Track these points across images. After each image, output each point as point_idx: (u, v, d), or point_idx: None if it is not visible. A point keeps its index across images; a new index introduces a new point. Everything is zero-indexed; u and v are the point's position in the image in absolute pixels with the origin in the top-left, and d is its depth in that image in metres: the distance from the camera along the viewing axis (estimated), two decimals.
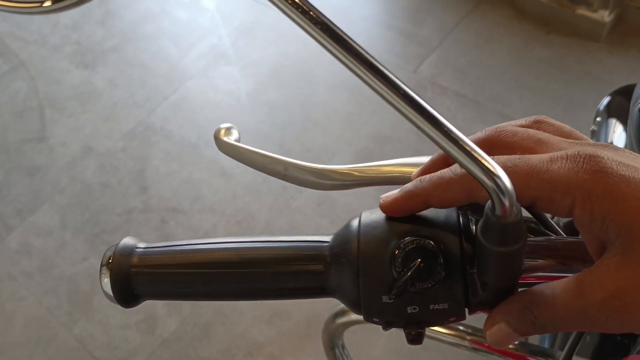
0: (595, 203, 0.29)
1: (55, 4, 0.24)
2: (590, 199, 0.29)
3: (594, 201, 0.29)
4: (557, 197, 0.30)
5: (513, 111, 1.96)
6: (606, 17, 2.07)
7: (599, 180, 0.29)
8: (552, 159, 0.30)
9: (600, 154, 0.30)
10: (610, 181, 0.29)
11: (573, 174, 0.29)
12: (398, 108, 0.28)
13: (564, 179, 0.29)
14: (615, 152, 0.31)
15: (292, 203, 1.81)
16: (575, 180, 0.29)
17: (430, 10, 2.32)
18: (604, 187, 0.29)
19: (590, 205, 0.29)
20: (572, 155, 0.30)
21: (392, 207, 0.34)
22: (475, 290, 0.32)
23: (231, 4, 2.45)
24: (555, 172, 0.30)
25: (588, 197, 0.29)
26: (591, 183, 0.29)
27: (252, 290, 0.37)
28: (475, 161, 0.27)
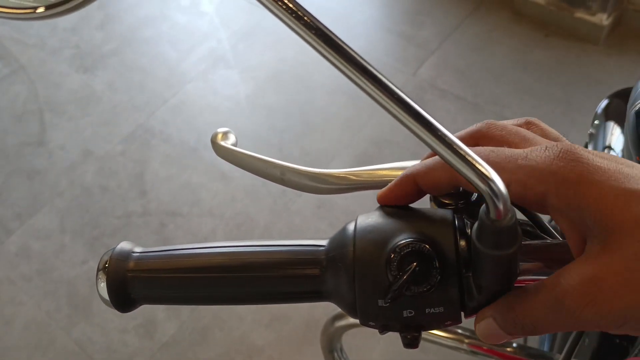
0: (569, 190, 0.29)
1: (48, 11, 0.25)
2: (565, 186, 0.29)
3: (568, 188, 0.29)
4: (531, 182, 0.30)
5: (512, 113, 1.96)
6: (604, 20, 2.07)
7: (574, 168, 0.29)
8: (533, 150, 0.31)
9: (577, 148, 0.31)
10: (585, 169, 0.29)
11: (549, 161, 0.30)
12: (392, 112, 0.28)
13: (540, 166, 0.30)
14: (594, 151, 0.31)
15: (291, 206, 1.81)
16: (550, 167, 0.30)
17: (430, 13, 2.32)
18: (579, 174, 0.29)
19: (564, 191, 0.29)
20: (550, 147, 0.31)
21: (387, 194, 0.35)
22: (471, 293, 0.32)
23: (230, 8, 2.45)
24: (531, 159, 0.30)
25: (562, 184, 0.29)
26: (566, 170, 0.29)
27: (248, 295, 0.37)
28: (469, 165, 0.27)
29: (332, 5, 2.36)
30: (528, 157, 0.31)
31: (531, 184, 0.30)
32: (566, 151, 0.30)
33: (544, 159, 0.30)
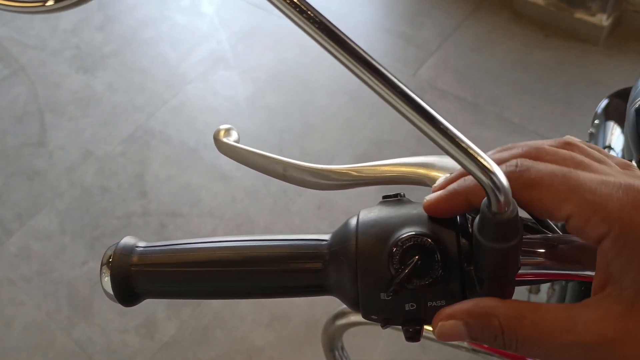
0: (630, 243, 0.27)
1: (57, 3, 0.25)
2: (626, 237, 0.27)
3: (629, 241, 0.27)
4: (594, 221, 0.28)
5: (512, 114, 1.97)
6: (604, 20, 2.08)
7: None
8: (604, 182, 0.29)
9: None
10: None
11: (621, 205, 0.28)
12: (395, 106, 0.28)
13: (609, 206, 0.28)
14: None
15: (292, 206, 1.81)
16: (620, 212, 0.28)
17: (429, 13, 2.32)
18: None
19: (623, 241, 0.27)
20: (626, 186, 0.29)
21: (436, 206, 0.33)
22: (472, 287, 0.33)
23: (230, 9, 2.45)
24: (603, 195, 0.28)
25: (625, 234, 0.27)
26: (636, 222, 0.27)
27: (251, 289, 0.37)
28: (471, 158, 0.27)
29: (332, 6, 2.37)
30: (598, 191, 0.28)
31: (593, 224, 0.28)
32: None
33: (616, 201, 0.28)
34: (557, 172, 0.30)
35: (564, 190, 0.29)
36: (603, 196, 0.28)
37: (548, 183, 0.30)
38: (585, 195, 0.29)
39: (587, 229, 0.29)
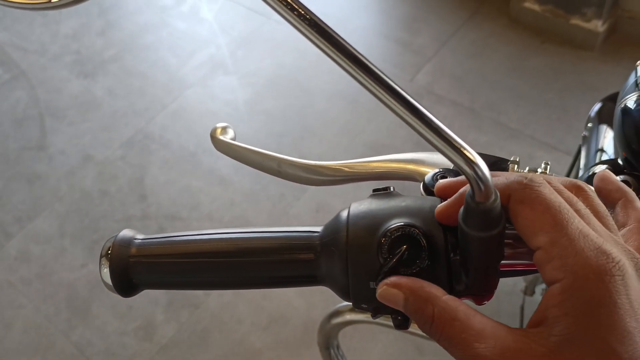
0: (573, 299, 0.28)
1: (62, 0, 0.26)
2: (572, 293, 0.28)
3: (573, 298, 0.28)
4: (555, 264, 0.29)
5: (508, 119, 1.98)
6: (600, 27, 2.10)
7: (606, 302, 0.28)
8: (585, 236, 0.29)
9: (633, 283, 0.29)
10: (610, 309, 0.27)
11: (585, 264, 0.28)
12: (383, 100, 0.29)
13: (575, 260, 0.29)
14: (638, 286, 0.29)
15: (290, 210, 1.82)
16: (581, 270, 0.28)
17: (427, 20, 2.34)
18: (604, 312, 0.28)
19: (568, 295, 0.28)
20: (601, 251, 0.29)
21: (445, 209, 0.34)
22: (459, 276, 0.34)
23: (229, 15, 2.47)
24: (577, 247, 0.29)
25: (573, 290, 0.28)
26: (588, 285, 0.28)
27: (246, 279, 0.39)
28: (456, 150, 0.29)
29: (330, 12, 2.39)
30: (574, 241, 0.29)
31: (554, 265, 0.29)
32: (620, 274, 0.28)
33: (583, 258, 0.28)
34: (555, 204, 0.30)
35: (550, 223, 0.30)
36: (576, 248, 0.29)
37: (541, 208, 0.30)
38: (563, 238, 0.29)
39: (546, 267, 0.30)
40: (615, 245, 0.31)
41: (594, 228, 0.31)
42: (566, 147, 1.88)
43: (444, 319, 0.31)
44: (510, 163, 0.43)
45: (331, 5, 2.44)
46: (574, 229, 0.30)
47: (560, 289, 0.29)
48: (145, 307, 1.67)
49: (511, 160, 0.43)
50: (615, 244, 0.31)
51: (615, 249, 0.30)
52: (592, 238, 0.29)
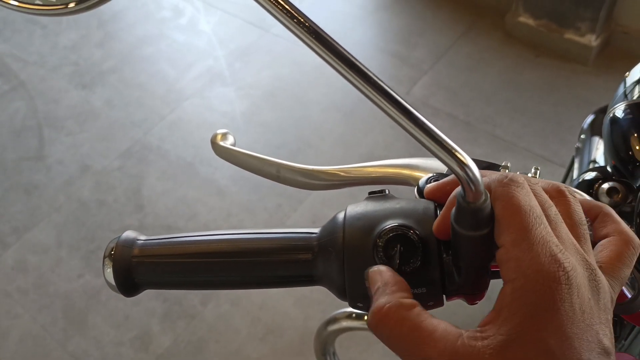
0: (521, 301, 0.29)
1: (78, 5, 0.27)
2: (521, 295, 0.30)
3: (522, 299, 0.29)
4: (511, 265, 0.30)
5: (504, 132, 2.00)
6: (593, 41, 2.12)
7: (550, 307, 0.29)
8: (545, 243, 0.31)
9: (582, 293, 0.30)
10: (553, 314, 0.29)
11: (539, 270, 0.30)
12: (378, 104, 0.30)
13: (530, 264, 0.30)
14: (596, 301, 0.31)
15: (287, 221, 1.83)
16: (533, 274, 0.30)
17: (423, 34, 2.37)
18: (547, 316, 0.29)
19: (517, 296, 0.30)
20: (555, 260, 0.30)
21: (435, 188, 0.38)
22: (452, 275, 0.35)
23: (227, 28, 2.50)
24: (534, 252, 0.30)
25: (523, 292, 0.30)
26: (536, 289, 0.29)
27: (245, 279, 0.40)
28: (448, 152, 0.30)
29: (327, 26, 2.41)
30: (533, 245, 0.30)
31: (511, 266, 0.30)
32: (568, 283, 0.29)
33: (538, 264, 0.30)
34: (525, 207, 0.32)
35: (516, 224, 0.31)
36: (532, 253, 0.30)
37: (513, 209, 0.32)
38: (524, 242, 0.31)
39: (503, 265, 0.31)
40: (575, 254, 0.32)
41: (558, 235, 0.32)
42: (560, 159, 1.90)
43: (395, 315, 0.32)
44: (501, 168, 0.44)
45: (329, 19, 2.46)
46: (537, 234, 0.31)
47: (511, 289, 0.30)
48: (141, 317, 1.67)
49: (502, 165, 0.44)
50: (575, 254, 0.32)
51: (572, 258, 0.31)
52: (551, 245, 0.31)
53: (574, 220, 0.35)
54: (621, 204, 0.51)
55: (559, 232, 0.33)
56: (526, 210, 0.32)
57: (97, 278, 1.75)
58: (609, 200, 0.51)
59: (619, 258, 0.35)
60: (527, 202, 0.32)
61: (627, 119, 0.56)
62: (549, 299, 0.29)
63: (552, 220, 0.33)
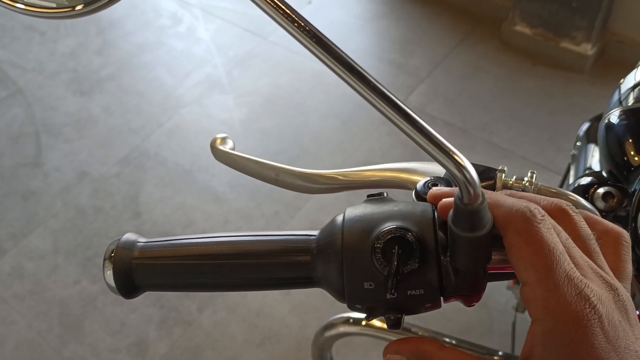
0: (554, 341, 0.30)
1: (86, 7, 0.27)
2: (553, 335, 0.30)
3: (554, 339, 0.30)
4: (538, 304, 0.31)
5: (500, 139, 2.01)
6: (589, 50, 2.14)
7: (584, 345, 0.30)
8: (570, 278, 0.31)
9: (612, 319, 0.31)
10: (588, 351, 0.30)
11: (566, 309, 0.30)
12: (377, 107, 0.31)
13: (558, 303, 0.31)
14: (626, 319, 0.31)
15: (284, 227, 1.83)
16: (562, 314, 0.30)
17: (420, 42, 2.38)
18: (582, 354, 0.30)
19: (549, 337, 0.31)
20: (582, 295, 0.31)
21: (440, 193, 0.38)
22: (449, 277, 0.35)
23: (226, 36, 2.51)
24: (560, 290, 0.31)
25: (553, 333, 0.30)
26: (565, 332, 0.30)
27: (244, 280, 0.40)
28: (446, 154, 0.30)
29: (325, 34, 2.42)
30: (559, 283, 0.31)
31: (538, 305, 0.31)
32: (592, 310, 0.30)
33: (565, 303, 0.30)
34: (549, 245, 0.32)
35: (540, 262, 0.31)
36: (559, 293, 0.31)
37: (536, 247, 0.32)
38: (549, 281, 0.31)
39: (530, 304, 0.32)
40: (596, 279, 0.32)
41: (576, 263, 0.33)
42: (557, 167, 1.90)
43: None
44: (498, 172, 0.45)
45: (327, 27, 2.47)
46: (561, 272, 0.31)
47: (541, 330, 0.31)
48: (138, 324, 1.66)
49: (499, 169, 0.45)
50: (596, 278, 0.32)
51: (596, 287, 0.32)
52: (576, 282, 0.31)
53: (583, 237, 0.35)
54: (616, 208, 0.51)
55: (575, 259, 0.33)
56: (550, 247, 0.32)
57: (93, 284, 1.75)
58: (605, 204, 0.52)
59: (620, 258, 0.36)
60: (551, 239, 0.32)
61: (622, 125, 0.57)
62: (582, 338, 0.30)
63: (566, 247, 0.33)
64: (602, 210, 0.51)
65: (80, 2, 0.29)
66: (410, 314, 0.37)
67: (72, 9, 0.29)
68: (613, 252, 0.36)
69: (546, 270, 0.31)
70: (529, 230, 0.32)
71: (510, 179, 0.45)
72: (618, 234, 0.36)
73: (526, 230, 0.32)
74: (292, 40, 0.31)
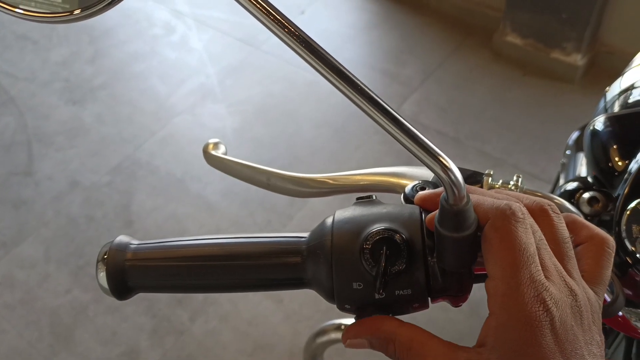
0: (504, 334, 0.32)
1: (83, 12, 0.28)
2: (504, 330, 0.32)
3: (505, 333, 0.32)
4: (497, 299, 0.33)
5: (492, 148, 2.02)
6: (579, 60, 2.16)
7: (532, 343, 0.31)
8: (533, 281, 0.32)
9: (565, 323, 0.32)
10: (535, 349, 0.31)
11: (520, 308, 0.32)
12: (366, 111, 0.31)
13: (515, 300, 0.32)
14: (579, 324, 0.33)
15: None
16: (516, 311, 0.32)
17: (413, 52, 2.40)
18: (530, 350, 0.32)
19: (501, 331, 0.32)
20: (539, 299, 0.32)
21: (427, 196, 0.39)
22: (436, 277, 0.36)
23: (219, 45, 2.52)
24: (521, 289, 0.32)
25: (504, 328, 0.32)
26: (513, 335, 0.32)
27: (236, 282, 0.40)
28: (433, 157, 0.31)
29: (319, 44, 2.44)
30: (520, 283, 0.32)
31: (496, 299, 0.33)
32: (545, 312, 0.32)
33: (521, 301, 0.32)
34: (521, 246, 0.33)
35: (509, 261, 0.33)
36: (519, 293, 0.32)
37: (508, 244, 0.33)
38: (512, 280, 0.32)
39: (490, 297, 0.33)
40: (559, 283, 0.34)
41: (544, 265, 0.34)
42: (548, 175, 1.92)
43: (402, 350, 0.36)
44: (485, 175, 0.45)
45: (320, 37, 2.49)
46: (526, 273, 0.32)
47: (495, 324, 0.33)
48: (129, 333, 1.66)
49: (486, 173, 0.45)
50: (560, 282, 0.34)
51: (555, 291, 0.33)
52: (537, 284, 0.32)
53: (558, 239, 0.36)
54: (601, 212, 0.52)
55: (544, 261, 0.34)
56: (521, 248, 0.33)
57: (85, 293, 1.74)
58: (590, 209, 0.52)
59: (598, 263, 0.37)
60: (524, 239, 0.33)
61: (606, 131, 0.58)
62: (530, 337, 0.31)
63: (539, 248, 0.34)
64: (587, 215, 0.52)
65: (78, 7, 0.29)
66: (398, 314, 0.37)
67: (70, 14, 0.30)
68: (593, 257, 0.37)
69: (512, 269, 0.32)
70: (506, 227, 0.33)
71: (497, 183, 0.45)
72: (602, 240, 0.37)
73: (503, 227, 0.33)
74: (285, 49, 0.32)
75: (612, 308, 0.45)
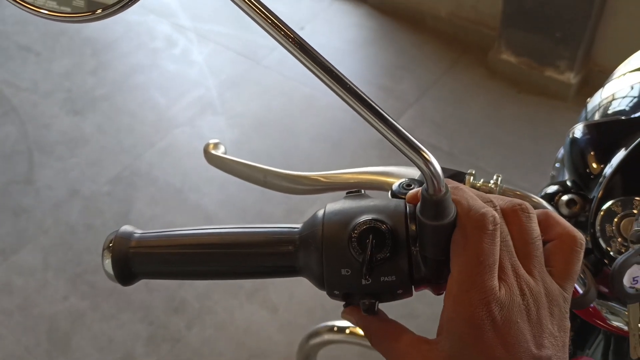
0: (456, 321, 0.36)
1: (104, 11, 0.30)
2: (454, 321, 0.36)
3: (454, 322, 0.36)
4: (452, 290, 0.37)
5: (486, 163, 2.06)
6: (572, 78, 2.21)
7: (475, 335, 0.35)
8: (484, 301, 0.35)
9: (510, 323, 0.35)
10: (478, 341, 0.35)
11: (470, 303, 0.35)
12: (354, 108, 0.35)
13: (468, 296, 0.36)
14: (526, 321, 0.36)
15: None
16: (465, 307, 0.36)
17: (409, 68, 2.45)
18: (473, 342, 0.35)
19: (453, 316, 0.36)
20: (487, 303, 0.35)
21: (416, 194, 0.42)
22: (418, 265, 0.39)
23: (219, 59, 2.56)
24: (475, 287, 0.36)
25: (461, 332, 0.36)
26: (471, 329, 0.35)
27: (233, 269, 0.43)
28: (415, 150, 0.34)
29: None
30: (477, 282, 0.35)
31: (452, 293, 0.37)
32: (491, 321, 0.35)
33: (472, 298, 0.36)
34: (483, 257, 0.36)
35: (471, 264, 0.36)
36: (469, 295, 0.35)
37: (475, 251, 0.36)
38: (465, 283, 0.36)
39: (446, 293, 0.37)
40: (512, 283, 0.36)
41: (502, 265, 0.37)
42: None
43: (376, 343, 0.41)
44: (467, 175, 0.48)
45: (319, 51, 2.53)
46: (479, 281, 0.36)
47: (446, 318, 0.37)
48: (125, 340, 1.67)
49: (468, 172, 0.49)
50: (513, 282, 0.37)
51: (502, 294, 0.36)
52: (486, 290, 0.35)
53: (525, 240, 0.38)
54: (579, 214, 0.55)
55: (503, 262, 0.37)
56: (481, 259, 0.36)
57: (82, 301, 1.76)
58: (568, 210, 0.56)
59: (566, 260, 0.39)
60: (487, 250, 0.36)
61: (584, 139, 0.61)
62: (474, 332, 0.35)
63: (502, 250, 0.37)
64: (565, 216, 0.55)
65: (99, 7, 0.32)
66: (384, 301, 0.40)
67: (93, 13, 0.32)
68: (562, 255, 0.39)
69: (468, 275, 0.36)
70: (474, 237, 0.36)
71: (478, 182, 0.49)
72: (572, 238, 0.39)
73: (472, 236, 0.36)
74: (285, 64, 0.35)
75: (584, 300, 0.48)
